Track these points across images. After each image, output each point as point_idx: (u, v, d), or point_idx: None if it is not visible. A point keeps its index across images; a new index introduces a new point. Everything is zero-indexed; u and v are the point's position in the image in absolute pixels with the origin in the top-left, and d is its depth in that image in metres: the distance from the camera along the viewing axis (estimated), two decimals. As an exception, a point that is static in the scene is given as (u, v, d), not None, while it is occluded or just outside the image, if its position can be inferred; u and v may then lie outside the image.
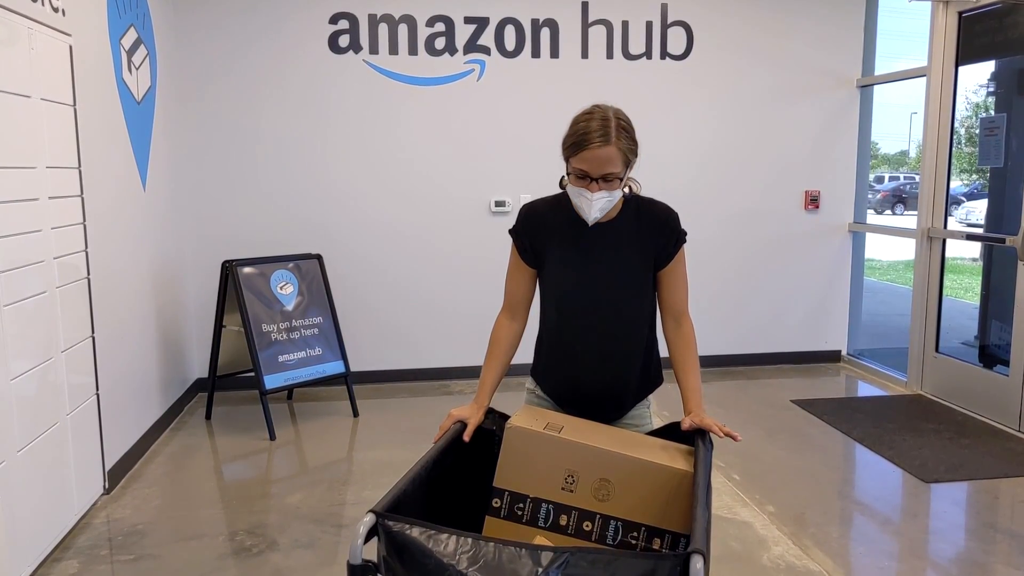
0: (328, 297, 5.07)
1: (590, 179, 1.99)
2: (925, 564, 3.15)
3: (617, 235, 2.12)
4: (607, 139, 1.94)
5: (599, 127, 1.95)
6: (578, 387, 2.19)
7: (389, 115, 5.49)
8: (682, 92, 5.78)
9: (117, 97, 4.16)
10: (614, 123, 1.97)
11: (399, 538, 1.49)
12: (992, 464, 4.12)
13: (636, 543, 1.84)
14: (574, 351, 2.18)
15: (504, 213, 5.66)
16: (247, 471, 4.16)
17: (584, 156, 1.96)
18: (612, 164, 1.96)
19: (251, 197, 5.44)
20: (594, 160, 1.96)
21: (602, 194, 2.00)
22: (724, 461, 4.20)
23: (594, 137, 1.94)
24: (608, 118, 1.97)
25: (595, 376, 2.17)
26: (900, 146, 32.25)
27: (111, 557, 3.24)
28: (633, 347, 2.17)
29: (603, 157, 1.95)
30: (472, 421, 2.07)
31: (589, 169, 1.97)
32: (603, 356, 2.16)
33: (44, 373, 3.18)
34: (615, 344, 2.15)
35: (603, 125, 1.95)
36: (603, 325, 2.14)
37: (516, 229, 2.22)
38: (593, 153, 1.95)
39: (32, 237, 3.11)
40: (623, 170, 2.00)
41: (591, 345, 2.16)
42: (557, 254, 2.16)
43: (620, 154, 1.96)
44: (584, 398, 2.19)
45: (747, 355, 6.14)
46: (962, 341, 6.41)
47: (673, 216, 2.15)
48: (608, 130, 1.95)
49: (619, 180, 2.00)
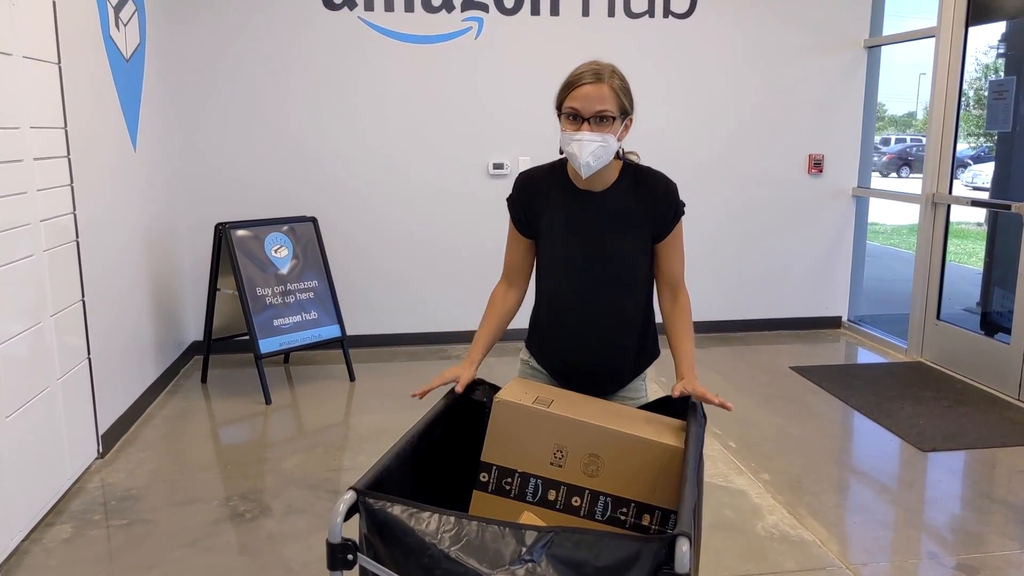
0: (323, 260, 5.02)
1: (582, 120, 1.94)
2: (919, 534, 3.13)
3: (614, 203, 2.07)
4: (599, 78, 1.94)
5: (592, 69, 1.96)
6: (574, 360, 2.16)
7: (385, 74, 5.39)
8: (685, 52, 5.66)
9: (104, 55, 4.07)
10: (607, 67, 1.97)
11: (380, 516, 1.45)
12: (990, 433, 4.10)
13: (625, 519, 1.81)
14: (570, 322, 2.14)
15: (502, 175, 5.59)
16: (243, 435, 4.15)
17: (575, 94, 1.94)
18: (604, 101, 1.93)
19: (244, 158, 5.36)
20: (585, 97, 1.93)
21: (594, 137, 1.93)
22: (720, 428, 4.18)
23: (586, 76, 1.94)
24: (601, 63, 1.98)
25: (591, 348, 2.13)
26: (908, 107, 31.88)
27: (105, 522, 3.24)
28: (630, 318, 2.13)
29: (595, 94, 1.93)
30: (464, 377, 2.05)
31: (580, 107, 1.94)
32: (599, 327, 2.12)
33: (33, 337, 3.14)
34: (611, 315, 2.11)
35: (596, 68, 1.96)
36: (599, 295, 2.10)
37: (511, 199, 2.18)
38: (584, 90, 1.93)
39: (17, 199, 3.05)
40: (617, 113, 1.95)
41: (587, 316, 2.12)
42: (552, 223, 2.11)
43: (612, 93, 1.94)
44: (580, 371, 2.15)
45: (746, 321, 6.10)
46: (964, 307, 6.36)
47: (672, 187, 2.09)
48: (601, 72, 1.95)
49: (612, 122, 1.94)
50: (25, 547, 3.02)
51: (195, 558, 2.95)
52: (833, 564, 2.91)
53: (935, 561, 2.94)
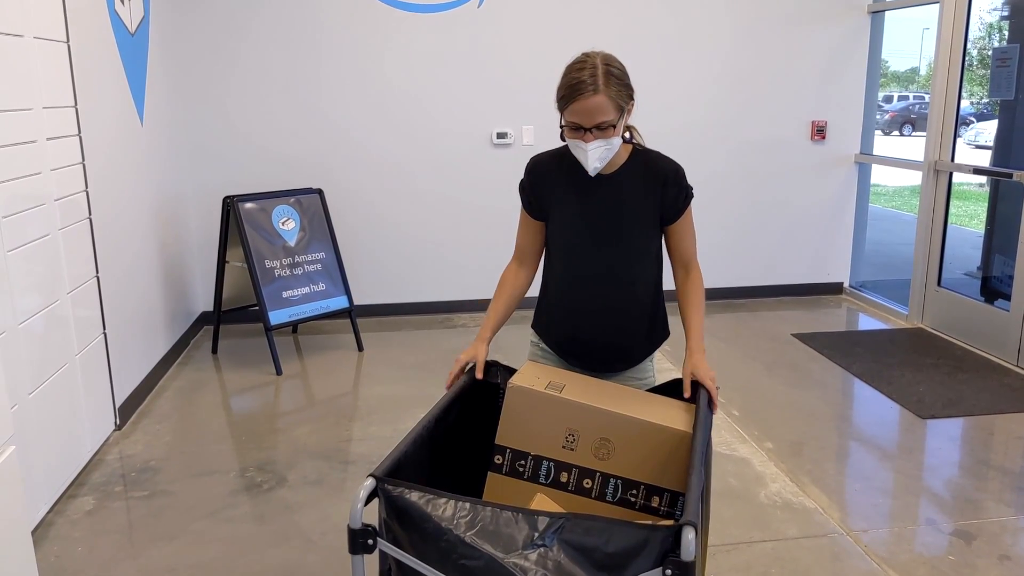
0: (330, 232, 5.07)
1: (584, 130, 1.98)
2: (918, 500, 3.22)
3: (623, 187, 2.12)
4: (596, 88, 1.93)
5: (587, 77, 1.94)
6: (582, 340, 2.21)
7: (388, 44, 5.38)
8: (687, 18, 5.64)
9: (111, 30, 4.08)
10: (602, 71, 1.95)
11: (398, 502, 1.52)
12: (989, 400, 4.17)
13: (635, 501, 1.88)
14: (580, 303, 2.19)
15: (506, 145, 5.61)
16: (255, 406, 4.24)
17: (574, 108, 1.96)
18: (603, 113, 1.95)
19: (250, 131, 5.38)
20: (584, 111, 1.95)
21: (598, 143, 1.99)
22: (724, 396, 4.26)
23: (582, 88, 1.93)
24: (596, 66, 1.95)
25: (599, 329, 2.19)
26: (911, 63, 31.51)
27: (125, 493, 3.34)
28: (639, 300, 2.18)
29: (593, 107, 1.94)
30: (479, 359, 2.12)
31: (581, 120, 1.97)
32: (608, 309, 2.17)
33: (51, 315, 3.21)
34: (620, 297, 2.17)
35: (592, 75, 1.94)
36: (608, 278, 2.15)
37: (523, 184, 2.23)
38: (582, 104, 1.94)
39: (32, 180, 3.10)
40: (616, 117, 1.98)
41: (596, 298, 2.17)
42: (563, 206, 2.16)
43: (611, 102, 1.95)
44: (588, 350, 2.21)
45: (749, 287, 6.16)
46: (965, 272, 6.41)
47: (680, 172, 2.14)
48: (596, 79, 1.93)
49: (613, 128, 1.99)
50: (50, 519, 3.12)
51: (216, 528, 3.05)
52: (834, 531, 3.01)
53: (933, 527, 3.03)
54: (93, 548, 2.93)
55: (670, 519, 1.87)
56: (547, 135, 5.51)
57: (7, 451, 2.07)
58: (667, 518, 1.87)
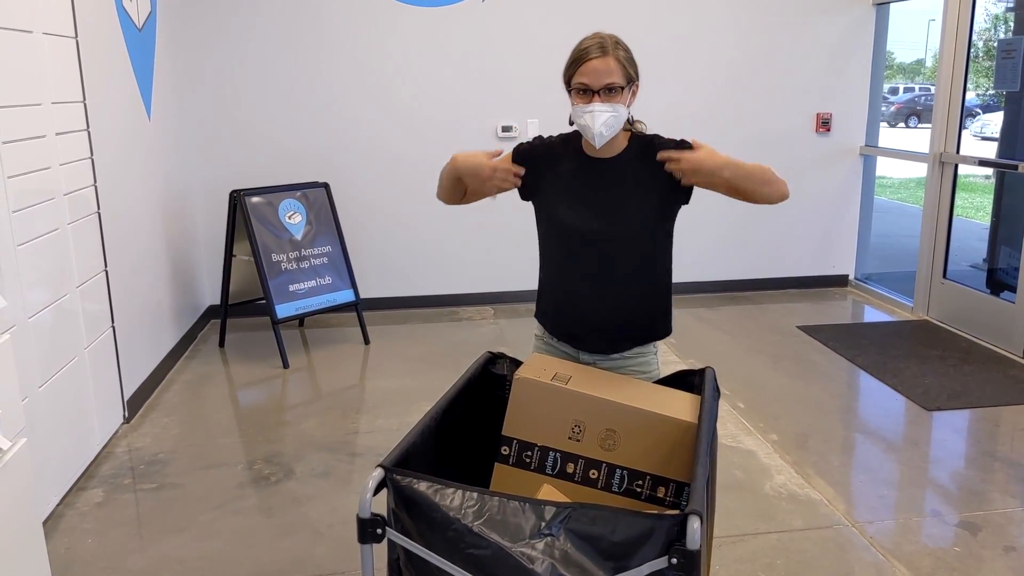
0: (336, 225, 5.09)
1: (592, 93, 2.04)
2: (923, 492, 3.23)
3: (624, 169, 2.13)
4: (605, 51, 2.03)
5: (596, 43, 2.05)
6: (581, 320, 2.19)
7: (393, 38, 5.39)
8: (693, 10, 5.64)
9: (118, 25, 4.10)
10: (611, 40, 2.06)
11: (407, 492, 1.54)
12: (994, 392, 4.18)
13: (641, 491, 1.90)
14: (580, 286, 2.17)
15: (511, 138, 5.61)
16: (262, 399, 4.26)
17: (583, 70, 2.04)
18: (612, 75, 2.03)
19: (257, 125, 5.40)
20: (593, 72, 2.03)
21: (605, 107, 2.03)
22: (729, 389, 4.27)
23: (592, 51, 2.03)
24: (604, 37, 2.07)
25: (598, 308, 2.16)
26: (916, 55, 31.37)
27: (134, 486, 3.36)
28: (638, 278, 2.16)
29: (602, 68, 2.02)
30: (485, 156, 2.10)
31: (590, 81, 2.03)
32: (610, 290, 2.15)
33: (60, 309, 3.23)
34: (619, 276, 2.14)
35: (600, 42, 2.05)
36: (609, 258, 2.13)
37: (521, 147, 2.24)
38: (592, 65, 2.03)
39: (41, 175, 3.12)
40: (624, 82, 2.05)
41: (598, 279, 2.15)
42: (559, 190, 2.17)
43: (619, 65, 2.04)
44: (588, 330, 2.18)
45: (754, 280, 6.16)
46: (971, 264, 6.40)
47: (681, 141, 2.13)
48: (605, 45, 2.04)
49: (621, 92, 2.04)
50: (60, 511, 3.15)
51: (224, 520, 3.08)
52: (839, 522, 3.02)
53: (938, 519, 3.04)
54: (103, 540, 2.96)
55: (676, 509, 1.88)
56: (552, 128, 5.48)
57: (19, 443, 2.10)
58: (673, 508, 1.89)
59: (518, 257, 5.71)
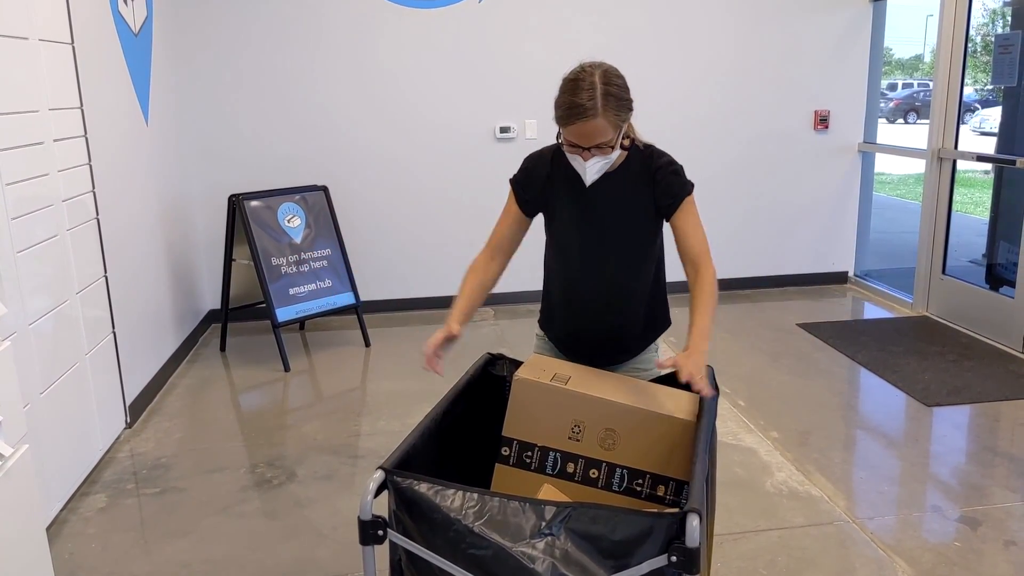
0: (336, 229, 5.10)
1: (583, 148, 1.98)
2: (924, 488, 3.24)
3: (619, 186, 2.12)
4: (595, 112, 1.91)
5: (586, 100, 1.90)
6: (582, 336, 2.24)
7: (390, 40, 5.40)
8: (689, 10, 5.64)
9: (114, 31, 4.10)
10: (600, 91, 1.91)
11: (408, 493, 1.55)
12: (994, 387, 4.18)
13: (641, 490, 1.90)
14: (579, 300, 2.22)
15: (509, 139, 5.62)
16: (264, 402, 4.27)
17: (572, 130, 1.95)
18: (602, 135, 1.95)
19: (255, 129, 5.41)
20: (582, 134, 1.95)
21: (596, 160, 2.00)
22: (730, 387, 4.27)
23: (580, 112, 1.91)
24: (595, 86, 1.91)
25: (599, 325, 2.21)
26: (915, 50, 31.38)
27: (137, 491, 3.37)
28: (637, 294, 2.21)
29: (591, 130, 1.93)
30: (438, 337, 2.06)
31: (579, 141, 1.97)
32: (607, 306, 2.19)
33: (60, 315, 3.24)
34: (619, 292, 2.19)
35: (590, 96, 1.90)
36: (606, 275, 2.17)
37: (517, 179, 2.23)
38: (581, 128, 1.93)
39: (40, 182, 3.13)
40: (615, 136, 1.98)
41: (595, 294, 2.19)
42: (560, 206, 2.17)
43: (609, 123, 1.94)
44: (588, 346, 2.24)
45: (753, 278, 6.17)
46: (970, 259, 6.41)
47: (673, 163, 2.13)
48: (595, 101, 1.90)
49: (612, 146, 1.99)
50: (63, 516, 3.16)
51: (227, 524, 3.09)
52: (840, 519, 3.02)
53: (939, 514, 3.04)
54: (106, 545, 2.97)
55: (676, 508, 1.89)
56: (550, 129, 5.50)
57: (21, 449, 2.10)
58: (673, 507, 1.89)
59: (518, 258, 5.69)
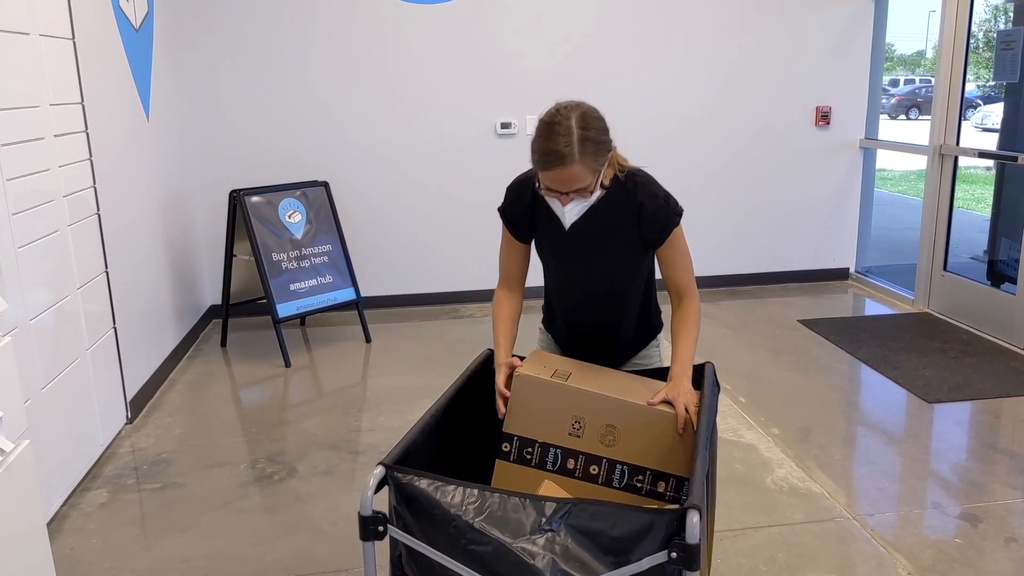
0: (336, 224, 5.09)
1: (560, 192, 1.94)
2: (924, 484, 3.24)
3: (602, 221, 2.08)
4: (572, 159, 1.85)
5: (562, 147, 1.84)
6: (580, 339, 2.29)
7: (390, 36, 5.39)
8: (690, 4, 5.63)
9: (115, 26, 4.10)
10: (577, 137, 1.84)
11: (408, 489, 1.55)
12: (995, 384, 4.18)
13: (641, 486, 1.91)
14: (570, 315, 2.27)
15: (510, 135, 5.61)
16: (264, 398, 4.27)
17: (549, 176, 1.90)
18: (579, 180, 1.89)
19: (255, 125, 5.40)
20: (560, 180, 1.89)
21: (574, 203, 1.97)
22: (730, 383, 4.27)
23: (556, 160, 1.85)
24: (571, 131, 1.84)
25: (593, 335, 2.25)
26: (917, 46, 31.32)
27: (138, 486, 3.37)
28: (627, 311, 2.23)
29: (568, 177, 1.88)
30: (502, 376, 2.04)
31: (556, 187, 1.92)
32: (599, 321, 2.24)
33: (61, 310, 3.24)
34: (608, 309, 2.22)
35: (567, 142, 1.84)
36: (594, 294, 2.20)
37: (503, 209, 2.20)
38: (558, 174, 1.88)
39: (40, 177, 3.13)
40: (593, 180, 1.92)
41: (585, 310, 2.24)
42: (543, 236, 2.16)
43: (587, 169, 1.88)
44: (587, 348, 2.27)
45: (754, 274, 6.16)
46: (971, 256, 6.40)
47: (662, 198, 2.07)
48: (572, 148, 1.84)
49: (590, 190, 1.95)
50: (64, 512, 3.16)
51: (227, 520, 3.09)
52: (840, 515, 3.02)
53: (939, 511, 3.04)
54: (107, 540, 2.97)
55: (676, 504, 1.89)
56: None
57: (22, 445, 2.10)
58: (673, 503, 1.89)
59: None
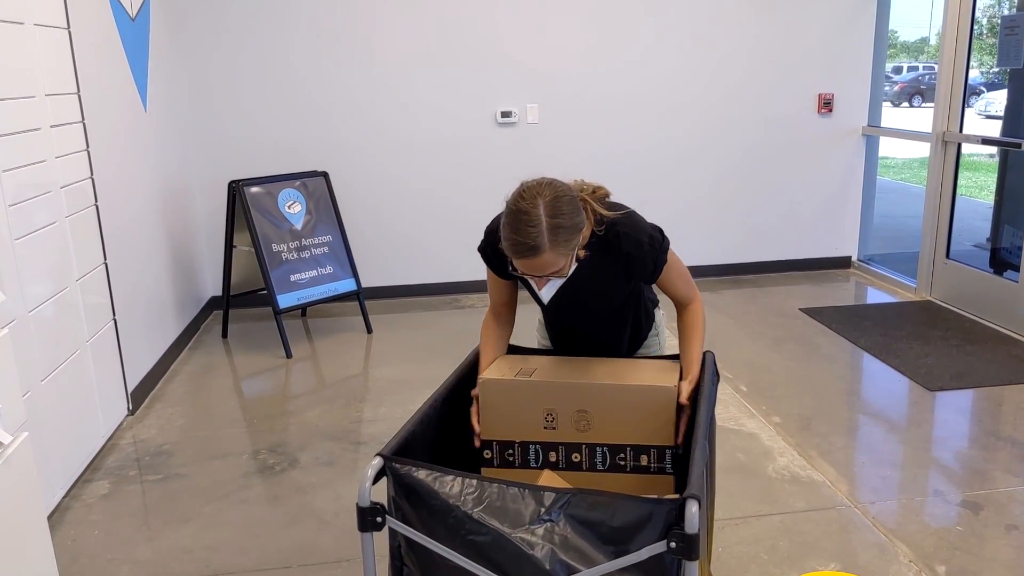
0: (336, 215, 5.08)
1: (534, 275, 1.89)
2: (926, 472, 3.23)
3: (587, 275, 2.06)
4: (542, 248, 1.77)
5: (533, 236, 1.76)
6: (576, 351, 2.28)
7: (391, 26, 5.36)
8: (693, -7, 5.60)
9: (111, 15, 4.08)
10: (547, 227, 1.76)
11: (406, 480, 1.54)
12: (997, 371, 4.17)
13: (625, 464, 1.92)
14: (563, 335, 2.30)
15: (511, 124, 5.59)
16: (266, 389, 4.27)
17: (521, 263, 1.83)
18: (552, 266, 1.82)
19: (254, 115, 5.38)
20: (532, 267, 1.83)
21: (550, 283, 1.98)
22: (732, 372, 4.26)
23: (527, 249, 1.77)
24: (540, 220, 1.76)
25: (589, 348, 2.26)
26: (920, 33, 31.16)
27: (140, 477, 3.37)
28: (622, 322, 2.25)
29: (540, 264, 1.81)
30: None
31: (529, 272, 1.86)
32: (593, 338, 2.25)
33: (61, 302, 3.23)
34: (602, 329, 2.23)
35: (536, 232, 1.76)
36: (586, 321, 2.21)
37: (484, 250, 2.15)
38: (528, 264, 1.82)
39: (37, 168, 3.12)
40: (567, 262, 1.86)
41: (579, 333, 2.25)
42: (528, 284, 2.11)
43: (556, 255, 1.80)
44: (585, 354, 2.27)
45: (756, 263, 6.15)
46: (974, 243, 6.38)
47: (646, 248, 2.02)
48: (542, 238, 1.76)
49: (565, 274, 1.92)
50: (66, 503, 3.16)
51: (230, 510, 3.09)
52: (842, 504, 3.02)
53: (941, 498, 3.04)
54: (109, 531, 2.97)
55: (663, 475, 1.90)
56: (552, 113, 5.49)
57: (21, 437, 2.10)
58: (660, 474, 1.90)
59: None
